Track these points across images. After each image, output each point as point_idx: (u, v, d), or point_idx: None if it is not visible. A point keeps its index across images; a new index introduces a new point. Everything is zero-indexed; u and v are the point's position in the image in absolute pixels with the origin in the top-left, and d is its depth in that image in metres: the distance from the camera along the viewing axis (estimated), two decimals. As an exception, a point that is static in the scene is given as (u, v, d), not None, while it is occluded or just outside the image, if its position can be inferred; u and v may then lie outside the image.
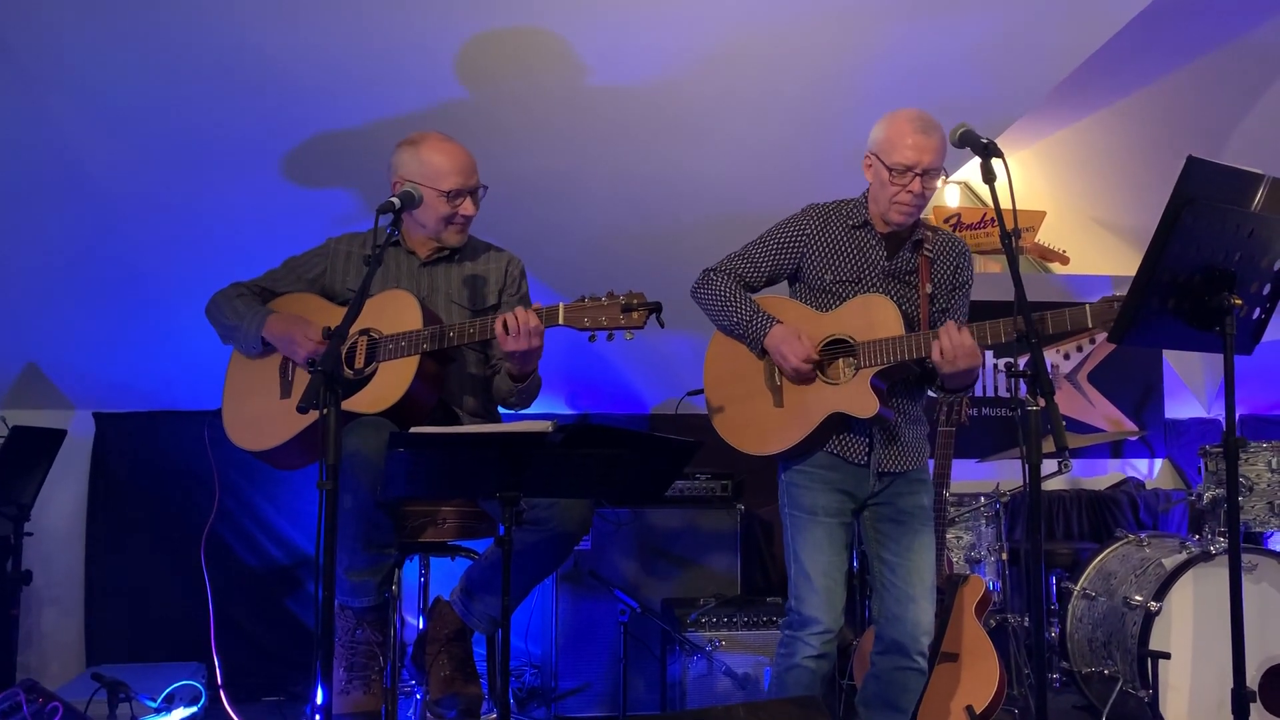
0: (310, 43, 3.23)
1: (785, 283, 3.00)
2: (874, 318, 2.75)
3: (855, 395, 2.73)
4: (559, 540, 2.70)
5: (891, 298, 2.79)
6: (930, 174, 2.70)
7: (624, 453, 2.25)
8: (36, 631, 4.25)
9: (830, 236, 2.86)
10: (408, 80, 3.41)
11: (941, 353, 2.59)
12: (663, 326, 2.64)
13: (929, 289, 2.83)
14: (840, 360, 2.79)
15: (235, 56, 3.23)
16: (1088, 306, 2.56)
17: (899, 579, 2.80)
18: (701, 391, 2.98)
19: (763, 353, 2.86)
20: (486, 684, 2.92)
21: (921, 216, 2.86)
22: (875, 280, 2.83)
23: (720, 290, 2.89)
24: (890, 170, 2.70)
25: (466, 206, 2.86)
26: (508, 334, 2.62)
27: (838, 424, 2.79)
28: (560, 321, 2.63)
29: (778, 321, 2.82)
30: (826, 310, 2.84)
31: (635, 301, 2.59)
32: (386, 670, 2.75)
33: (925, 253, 2.84)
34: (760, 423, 2.84)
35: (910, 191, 2.70)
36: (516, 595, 2.73)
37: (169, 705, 3.46)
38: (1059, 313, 2.55)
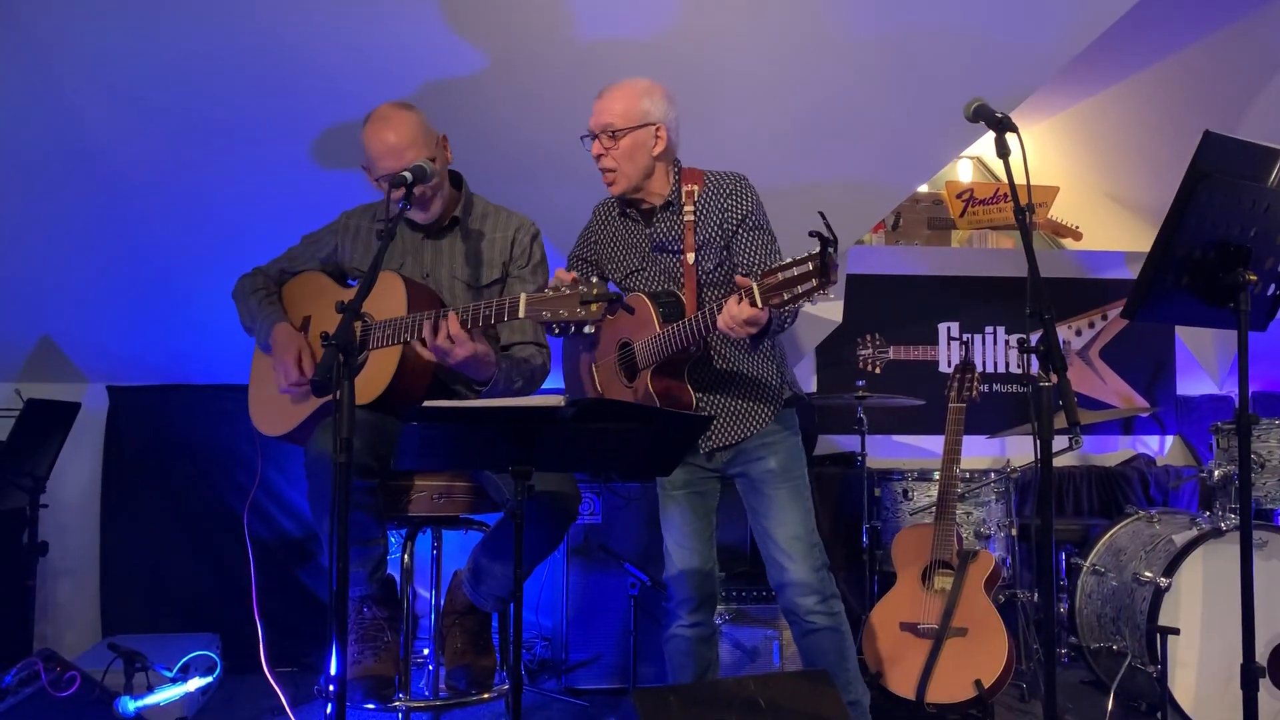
0: (326, 26, 3.21)
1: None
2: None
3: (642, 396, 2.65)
4: (553, 518, 2.69)
5: (659, 274, 2.77)
6: (605, 134, 2.67)
7: (635, 427, 2.26)
8: (52, 602, 4.29)
9: (610, 230, 2.89)
10: (417, 53, 3.39)
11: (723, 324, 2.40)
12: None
13: (692, 258, 2.70)
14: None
15: (251, 38, 3.21)
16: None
17: (770, 548, 2.79)
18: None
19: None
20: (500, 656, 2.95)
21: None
22: (642, 259, 2.82)
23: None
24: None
25: (398, 194, 2.50)
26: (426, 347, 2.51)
27: None
28: (520, 315, 2.40)
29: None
30: None
31: (595, 293, 2.30)
32: (400, 641, 2.77)
33: (687, 216, 2.71)
34: None
35: (595, 155, 2.71)
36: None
37: (185, 675, 3.50)
38: None
